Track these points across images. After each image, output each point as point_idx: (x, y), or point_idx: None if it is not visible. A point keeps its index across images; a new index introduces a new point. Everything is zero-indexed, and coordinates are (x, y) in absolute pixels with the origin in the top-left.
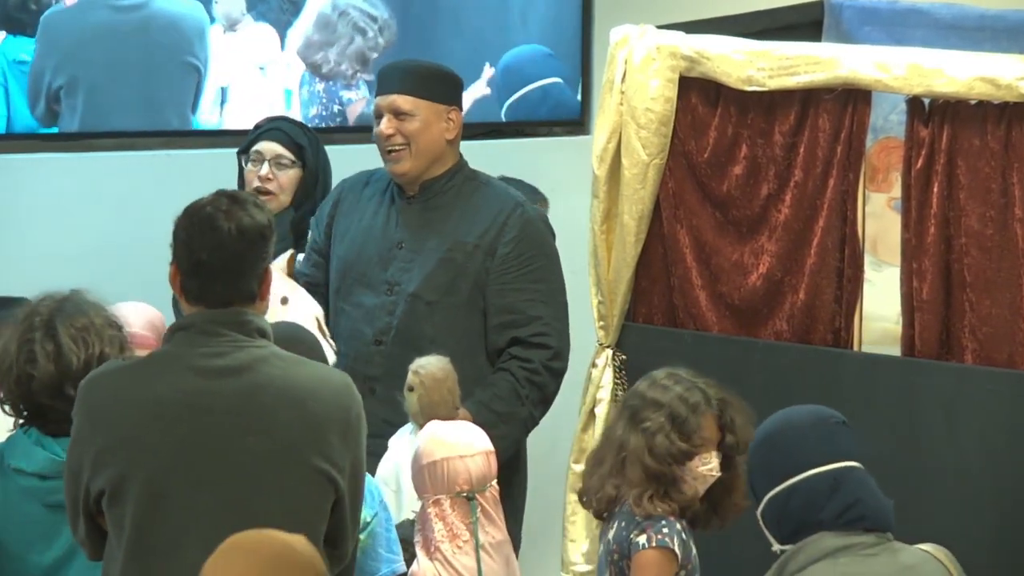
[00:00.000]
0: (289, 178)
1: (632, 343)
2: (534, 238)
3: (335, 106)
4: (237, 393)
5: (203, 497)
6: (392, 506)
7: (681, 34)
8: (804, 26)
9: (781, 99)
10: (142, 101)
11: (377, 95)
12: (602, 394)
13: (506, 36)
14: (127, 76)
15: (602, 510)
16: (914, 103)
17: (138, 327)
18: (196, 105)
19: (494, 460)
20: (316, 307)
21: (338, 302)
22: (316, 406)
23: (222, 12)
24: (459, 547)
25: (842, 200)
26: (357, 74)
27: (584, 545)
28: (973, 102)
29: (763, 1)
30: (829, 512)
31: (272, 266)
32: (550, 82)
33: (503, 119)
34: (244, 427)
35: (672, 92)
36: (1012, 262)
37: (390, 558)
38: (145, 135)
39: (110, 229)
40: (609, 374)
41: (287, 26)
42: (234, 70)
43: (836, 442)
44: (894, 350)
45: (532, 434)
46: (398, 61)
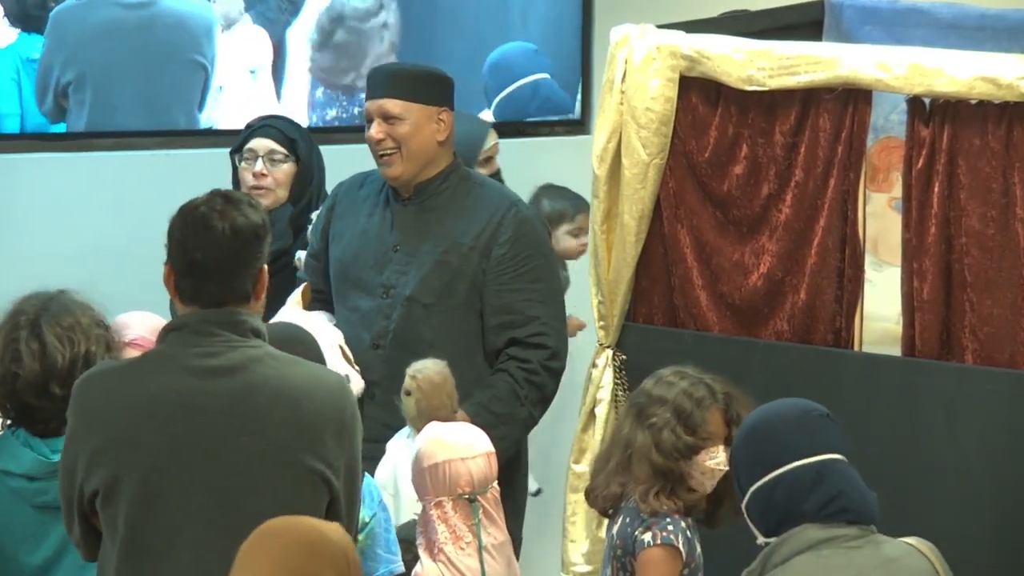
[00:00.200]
0: (284, 173)
1: (632, 343)
2: (530, 238)
3: (335, 106)
4: (231, 393)
5: (197, 497)
6: (390, 510)
7: (681, 34)
8: (804, 26)
9: (782, 99)
10: (149, 99)
11: (367, 99)
12: (602, 394)
13: (506, 36)
14: (134, 73)
15: (607, 508)
16: (915, 103)
17: (146, 331)
18: (203, 104)
19: (495, 461)
20: (337, 335)
21: (335, 306)
22: (310, 406)
23: (220, 11)
24: (462, 549)
25: (843, 200)
26: (357, 74)
27: (584, 545)
28: (974, 102)
29: (763, 1)
30: (812, 504)
31: (288, 300)
32: (539, 78)
33: (493, 117)
34: (238, 427)
35: (672, 92)
36: (1013, 262)
37: (389, 558)
38: (145, 135)
39: (109, 229)
40: (609, 374)
41: (286, 26)
42: (232, 70)
43: (820, 434)
44: (894, 350)
45: (532, 434)
46: (386, 64)
